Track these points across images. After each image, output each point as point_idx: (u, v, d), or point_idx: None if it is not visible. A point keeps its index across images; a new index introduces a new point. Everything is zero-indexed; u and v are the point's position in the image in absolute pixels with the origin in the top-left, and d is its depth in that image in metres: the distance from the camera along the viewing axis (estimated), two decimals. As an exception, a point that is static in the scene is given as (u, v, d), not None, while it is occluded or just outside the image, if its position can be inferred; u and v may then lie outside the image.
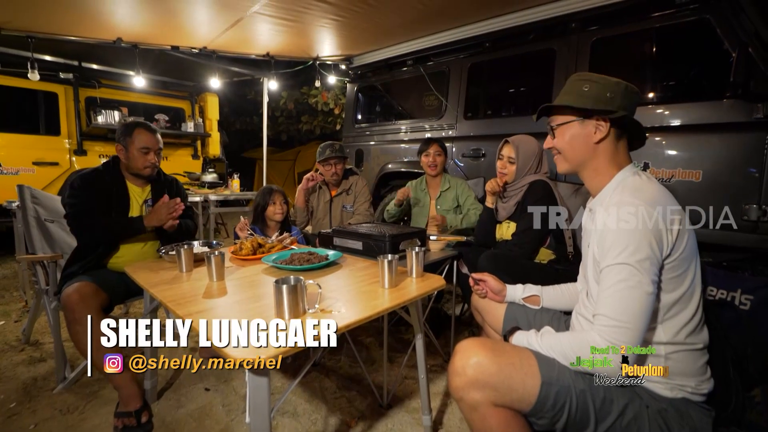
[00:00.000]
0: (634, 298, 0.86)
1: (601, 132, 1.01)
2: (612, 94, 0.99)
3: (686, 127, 2.17)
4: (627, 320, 0.85)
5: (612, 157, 1.02)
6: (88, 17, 2.87)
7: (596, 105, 1.00)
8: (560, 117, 1.07)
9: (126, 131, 1.81)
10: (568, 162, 1.08)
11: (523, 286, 1.33)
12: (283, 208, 2.25)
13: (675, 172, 2.16)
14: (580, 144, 1.04)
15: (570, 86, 1.06)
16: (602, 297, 0.90)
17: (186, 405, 1.69)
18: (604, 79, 1.02)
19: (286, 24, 3.04)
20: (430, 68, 3.45)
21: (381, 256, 1.21)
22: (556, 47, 2.66)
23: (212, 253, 1.29)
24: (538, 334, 1.01)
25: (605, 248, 0.91)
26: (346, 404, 1.71)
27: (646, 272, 0.86)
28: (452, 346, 2.12)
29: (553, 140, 1.09)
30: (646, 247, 0.86)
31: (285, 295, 0.94)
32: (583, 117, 1.02)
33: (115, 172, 1.85)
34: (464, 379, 0.90)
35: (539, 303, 1.29)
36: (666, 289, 0.91)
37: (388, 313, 1.23)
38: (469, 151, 3.08)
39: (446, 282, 1.46)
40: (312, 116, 7.67)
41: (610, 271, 0.89)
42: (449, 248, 1.98)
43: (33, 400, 1.74)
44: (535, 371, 0.90)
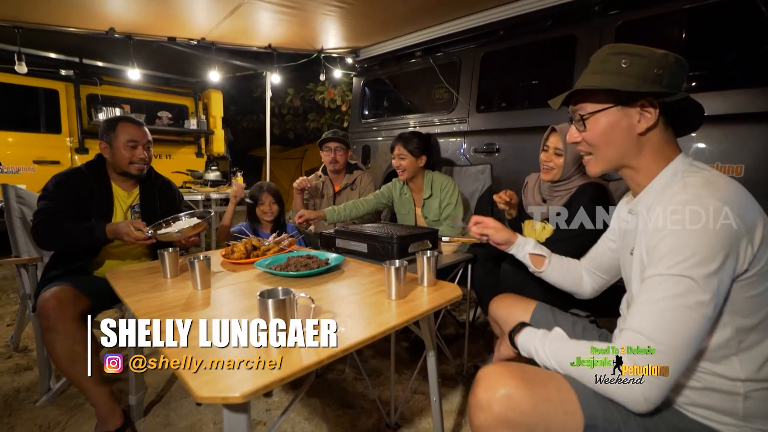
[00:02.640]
0: (687, 322, 0.67)
1: (648, 120, 0.80)
2: (660, 70, 0.78)
3: (725, 117, 1.96)
4: (667, 343, 0.67)
5: (660, 149, 0.83)
6: (77, 5, 2.74)
7: (642, 86, 0.78)
8: (591, 104, 0.85)
9: (109, 126, 1.66)
10: (604, 161, 0.87)
11: (535, 242, 1.19)
12: (272, 209, 2.13)
13: (713, 166, 1.94)
14: (620, 137, 0.83)
15: (602, 62, 0.84)
16: (640, 310, 0.72)
17: (175, 422, 1.55)
18: (648, 51, 0.80)
19: (288, 12, 2.88)
20: (440, 59, 3.28)
21: (387, 263, 1.04)
22: (576, 33, 2.47)
23: (195, 259, 1.14)
24: (546, 338, 0.84)
25: (659, 253, 0.72)
26: (349, 424, 1.54)
27: (710, 290, 0.67)
28: (465, 356, 1.95)
29: (582, 132, 0.88)
30: (718, 258, 0.67)
31: (271, 312, 0.78)
32: (623, 102, 0.81)
33: (99, 173, 1.69)
34: (490, 417, 0.72)
35: (542, 265, 1.16)
36: (741, 311, 0.72)
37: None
38: (482, 146, 2.90)
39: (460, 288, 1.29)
40: (319, 114, 7.54)
41: (662, 283, 0.70)
42: (463, 250, 1.80)
43: (13, 414, 1.61)
44: (575, 408, 0.72)
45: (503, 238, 1.20)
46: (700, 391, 0.75)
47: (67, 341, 1.34)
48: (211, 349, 0.76)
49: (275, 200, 2.16)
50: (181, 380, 0.66)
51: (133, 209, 1.74)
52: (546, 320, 1.10)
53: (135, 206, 1.74)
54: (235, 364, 0.69)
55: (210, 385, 0.63)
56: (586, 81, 0.86)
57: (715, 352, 0.73)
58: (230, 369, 0.69)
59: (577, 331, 1.07)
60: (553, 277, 1.17)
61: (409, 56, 3.53)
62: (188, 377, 0.65)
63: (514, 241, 1.20)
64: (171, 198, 1.89)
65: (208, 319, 0.92)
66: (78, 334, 1.37)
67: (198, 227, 1.59)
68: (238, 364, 0.69)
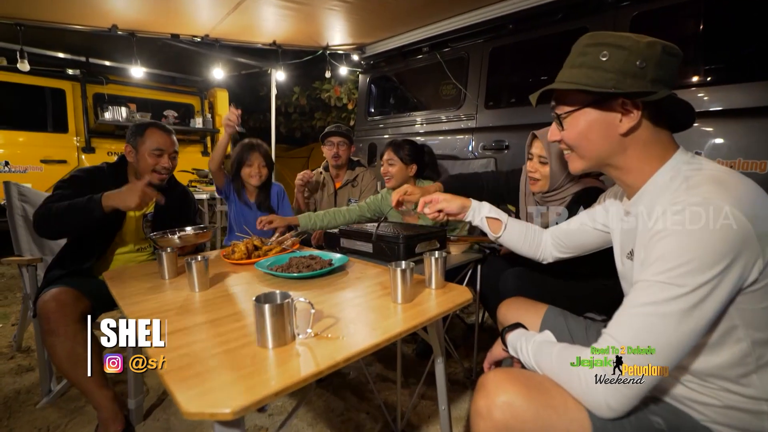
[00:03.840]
0: (661, 331, 0.61)
1: (631, 119, 0.72)
2: (644, 62, 0.69)
3: (748, 111, 1.87)
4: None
5: (650, 149, 0.75)
6: (79, 1, 2.71)
7: (622, 84, 0.70)
8: (569, 102, 0.78)
9: (137, 130, 1.63)
10: (585, 159, 0.80)
11: (490, 205, 1.16)
12: (261, 173, 2.00)
13: (734, 162, 1.86)
14: (601, 138, 0.75)
15: (580, 54, 0.76)
16: (619, 313, 0.67)
17: (175, 426, 1.51)
18: (631, 41, 0.71)
19: (293, 7, 2.83)
20: (448, 55, 3.21)
21: (393, 264, 0.99)
22: (589, 26, 2.38)
23: (193, 259, 1.09)
24: (531, 338, 0.79)
25: (652, 257, 0.65)
26: (354, 430, 1.49)
27: (710, 300, 0.60)
28: (475, 359, 1.88)
29: (561, 132, 0.81)
30: (717, 266, 0.59)
31: (267, 318, 0.73)
32: (602, 101, 0.74)
33: (119, 175, 1.65)
34: (490, 425, 0.68)
35: (500, 230, 1.14)
36: (756, 323, 0.65)
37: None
38: (491, 143, 2.83)
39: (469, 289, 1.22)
40: (325, 112, 7.51)
41: (646, 288, 0.63)
42: (473, 250, 1.73)
43: (13, 416, 1.59)
44: (581, 416, 0.66)
45: (458, 206, 1.18)
46: (721, 410, 0.68)
47: (67, 344, 1.31)
48: (200, 356, 0.71)
49: (265, 163, 2.01)
50: (169, 393, 0.61)
51: (146, 218, 1.69)
52: (558, 324, 1.04)
53: (148, 215, 1.69)
54: (226, 374, 0.65)
55: (198, 400, 0.58)
56: (563, 76, 0.78)
57: (732, 369, 0.66)
58: (221, 380, 0.63)
59: (590, 336, 1.01)
60: (511, 242, 1.16)
61: (416, 52, 3.47)
62: (176, 390, 0.60)
63: (469, 206, 1.17)
64: (186, 209, 1.84)
65: (201, 324, 0.88)
66: (79, 337, 1.33)
67: (200, 237, 1.55)
68: (230, 375, 0.63)
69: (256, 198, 2.08)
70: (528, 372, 0.76)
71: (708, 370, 0.68)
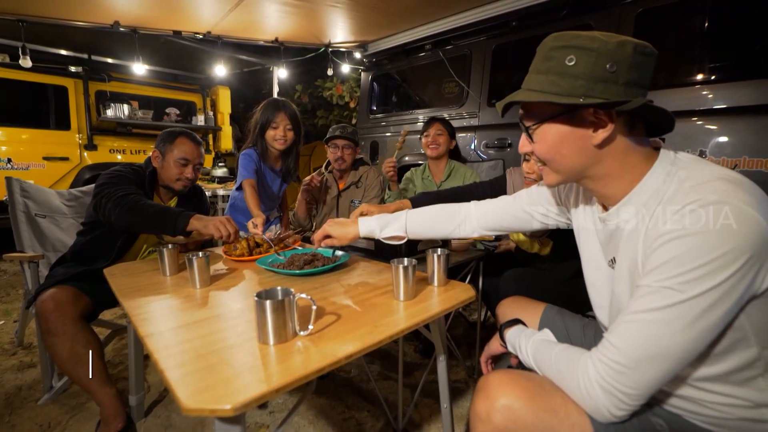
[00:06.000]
0: (659, 337, 0.58)
1: (605, 130, 0.66)
2: (614, 65, 0.63)
3: (753, 108, 1.85)
4: (631, 356, 0.61)
5: (630, 155, 0.69)
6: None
7: (592, 90, 0.63)
8: (534, 113, 0.72)
9: (168, 137, 1.63)
10: (560, 173, 0.75)
11: (380, 223, 1.16)
12: (287, 136, 1.88)
13: (739, 161, 1.85)
14: (574, 150, 0.70)
15: (545, 59, 0.69)
16: (625, 323, 0.62)
17: (176, 424, 1.51)
18: (598, 42, 0.64)
19: (295, 4, 2.82)
20: (450, 52, 3.20)
21: (395, 261, 0.98)
22: (593, 23, 2.37)
23: (194, 256, 1.09)
24: (531, 339, 0.78)
25: (661, 259, 0.60)
26: (356, 428, 1.48)
27: (718, 308, 0.56)
28: (477, 357, 1.87)
29: (532, 144, 0.75)
30: (729, 273, 0.55)
31: (269, 314, 0.72)
32: (570, 110, 0.68)
33: (151, 181, 1.64)
34: (489, 429, 0.67)
35: (404, 238, 1.15)
36: (765, 333, 0.62)
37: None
38: (494, 141, 2.81)
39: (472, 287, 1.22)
40: (327, 110, 7.50)
41: (648, 294, 0.60)
42: (478, 248, 1.72)
43: (14, 412, 1.59)
44: (584, 421, 0.65)
45: (352, 233, 1.19)
46: (722, 417, 0.66)
47: (67, 343, 1.31)
48: (201, 353, 0.71)
49: (292, 126, 1.89)
50: (169, 389, 0.61)
51: None
52: (555, 323, 1.03)
53: None
54: (226, 370, 0.64)
55: (199, 396, 0.57)
56: (529, 83, 0.71)
57: (738, 374, 0.64)
58: (221, 376, 0.63)
59: (588, 334, 1.00)
60: (421, 234, 1.16)
61: (418, 50, 3.45)
62: (176, 386, 0.59)
63: (355, 232, 1.19)
64: (200, 206, 1.84)
65: (202, 320, 0.87)
66: (79, 336, 1.33)
67: (203, 235, 1.54)
68: (230, 371, 0.63)
69: (280, 168, 1.96)
70: (528, 374, 0.74)
71: (712, 376, 0.65)
